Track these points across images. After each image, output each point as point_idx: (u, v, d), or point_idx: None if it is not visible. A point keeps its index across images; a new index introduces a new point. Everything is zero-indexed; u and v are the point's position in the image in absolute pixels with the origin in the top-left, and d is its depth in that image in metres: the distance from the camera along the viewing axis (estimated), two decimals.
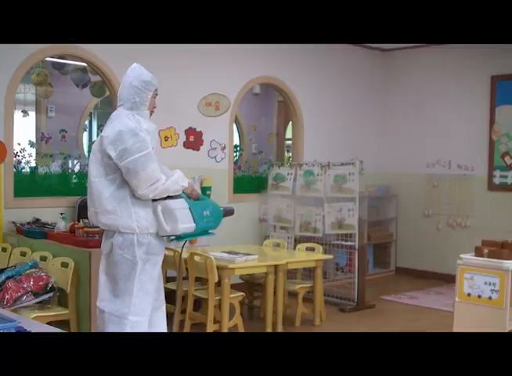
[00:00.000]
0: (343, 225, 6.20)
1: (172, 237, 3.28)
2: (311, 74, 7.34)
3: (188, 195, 3.32)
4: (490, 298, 4.06)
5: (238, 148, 7.77)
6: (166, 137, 6.18)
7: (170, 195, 3.23)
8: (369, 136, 8.13)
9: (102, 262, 3.35)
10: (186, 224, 3.20)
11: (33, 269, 4.18)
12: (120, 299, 3.24)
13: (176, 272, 4.96)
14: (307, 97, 7.38)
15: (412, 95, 7.94)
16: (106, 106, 7.28)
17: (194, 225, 3.22)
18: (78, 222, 4.87)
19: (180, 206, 3.21)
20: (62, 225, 4.93)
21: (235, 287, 5.11)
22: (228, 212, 3.50)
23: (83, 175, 5.81)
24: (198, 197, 3.39)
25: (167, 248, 4.61)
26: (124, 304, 3.22)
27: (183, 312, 4.93)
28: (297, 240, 6.51)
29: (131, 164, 3.12)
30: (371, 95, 8.13)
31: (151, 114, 3.37)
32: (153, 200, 3.22)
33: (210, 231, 3.38)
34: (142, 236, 3.21)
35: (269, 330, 4.96)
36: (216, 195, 6.35)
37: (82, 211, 5.21)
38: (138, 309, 3.23)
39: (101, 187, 3.21)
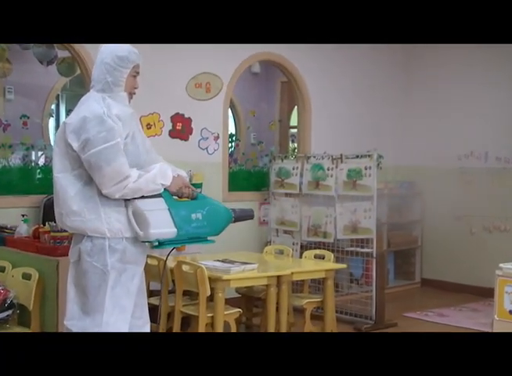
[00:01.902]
0: (358, 229, 6.19)
1: (155, 243, 3.26)
2: (321, 51, 7.31)
3: (175, 194, 3.29)
4: None
5: (234, 138, 7.75)
6: (148, 125, 6.17)
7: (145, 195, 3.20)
8: (388, 124, 8.12)
9: (71, 272, 3.34)
10: (162, 229, 3.16)
11: None
12: (91, 317, 3.21)
13: (161, 285, 4.94)
14: (316, 78, 7.37)
15: (440, 75, 7.92)
16: (77, 86, 7.28)
17: (175, 230, 3.17)
18: (43, 225, 4.86)
19: (154, 207, 3.17)
20: (24, 230, 4.92)
21: (230, 302, 5.10)
22: (244, 216, 3.45)
23: (49, 170, 5.79)
24: (192, 195, 3.33)
25: (150, 256, 4.62)
26: (95, 323, 3.20)
27: (168, 331, 4.92)
28: (304, 247, 6.50)
29: (93, 158, 3.10)
30: (392, 76, 8.12)
31: (131, 97, 3.34)
32: (126, 200, 3.20)
33: (208, 238, 3.34)
34: (114, 241, 3.19)
35: None
36: (208, 194, 6.26)
37: (48, 212, 5.19)
38: (111, 328, 3.21)
39: (65, 184, 3.19)
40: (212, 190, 6.46)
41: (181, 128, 6.42)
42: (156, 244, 3.24)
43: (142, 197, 3.19)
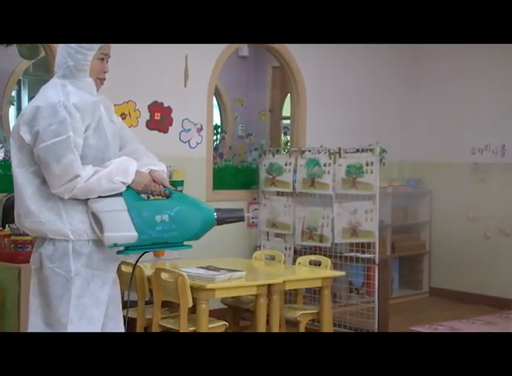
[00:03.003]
0: (358, 232, 6.21)
1: (121, 249, 3.24)
2: None
3: (143, 192, 3.25)
4: None
5: (219, 129, 7.77)
6: (123, 115, 6.17)
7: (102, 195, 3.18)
8: (393, 114, 8.16)
9: (33, 281, 3.33)
10: (120, 232, 3.13)
11: None
12: (54, 330, 3.22)
13: (137, 295, 4.95)
14: (311, 62, 7.38)
15: (452, 63, 7.94)
16: (41, 71, 7.24)
17: (135, 234, 3.15)
18: (3, 228, 4.83)
19: (111, 208, 3.14)
20: None
21: (215, 313, 5.11)
22: (230, 217, 3.32)
23: (9, 166, 5.73)
24: (165, 194, 3.31)
25: (125, 263, 4.62)
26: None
27: None
28: (298, 252, 6.51)
29: (42, 153, 3.10)
30: (397, 62, 8.15)
31: (100, 83, 3.34)
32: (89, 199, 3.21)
33: (185, 243, 3.28)
34: (79, 243, 3.18)
35: None
36: (190, 192, 6.24)
37: (8, 213, 5.15)
38: None
39: (22, 181, 3.19)
40: (194, 189, 6.46)
41: (159, 118, 6.42)
42: (122, 248, 3.23)
43: (100, 196, 3.18)
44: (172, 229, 3.19)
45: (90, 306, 3.23)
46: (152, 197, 3.29)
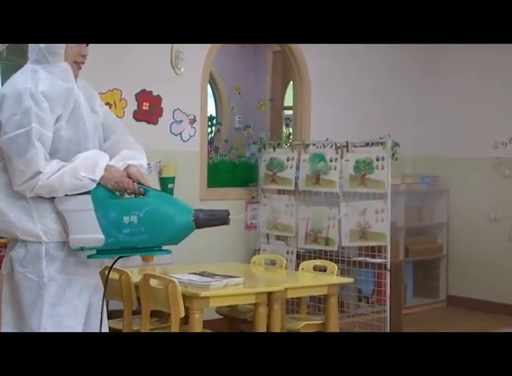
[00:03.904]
0: (368, 235, 6.23)
1: (92, 252, 3.23)
2: None
3: (115, 190, 3.20)
4: None
5: (214, 121, 7.78)
6: (107, 105, 6.16)
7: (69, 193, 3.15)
8: (406, 105, 8.17)
9: (5, 288, 3.32)
10: (86, 234, 3.13)
11: None
12: None
13: (123, 304, 4.96)
14: (316, 47, 7.37)
15: (471, 49, 7.93)
16: (15, 56, 7.23)
17: (102, 236, 3.14)
18: None
19: (77, 207, 3.13)
20: None
21: (210, 324, 5.12)
22: (212, 219, 3.20)
23: None
24: (138, 191, 3.26)
25: (109, 268, 4.63)
26: None
27: None
28: (301, 256, 6.53)
29: (4, 146, 3.11)
30: (411, 48, 8.14)
31: (78, 67, 3.33)
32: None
33: (163, 248, 3.22)
34: (53, 246, 3.19)
35: None
36: (182, 190, 6.34)
37: None
38: None
39: None
40: (187, 186, 6.48)
41: (148, 108, 6.42)
42: (94, 252, 3.21)
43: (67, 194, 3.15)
44: (140, 232, 3.12)
45: (66, 316, 3.22)
46: (127, 196, 3.25)
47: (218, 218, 3.20)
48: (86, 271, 3.29)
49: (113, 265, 3.40)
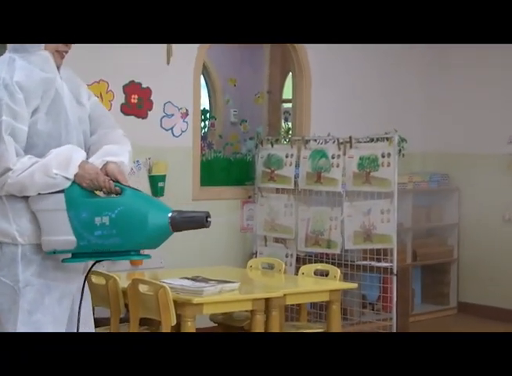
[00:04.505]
0: (373, 237, 6.23)
1: (67, 256, 3.21)
2: None
3: (91, 188, 3.16)
4: None
5: (208, 115, 7.77)
6: None
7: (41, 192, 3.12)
8: (414, 98, 8.17)
9: None
10: (57, 236, 3.11)
11: None
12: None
13: (110, 311, 4.96)
14: None
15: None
16: None
17: (73, 239, 3.11)
18: None
19: (49, 206, 3.11)
20: None
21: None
22: (187, 222, 3.13)
23: None
24: (114, 190, 3.23)
25: (95, 273, 4.61)
26: None
27: None
28: (301, 260, 6.54)
29: None
30: None
31: (61, 56, 3.32)
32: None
33: (143, 252, 3.20)
34: (30, 248, 3.17)
35: None
36: (173, 189, 6.34)
37: None
38: None
39: None
40: (179, 185, 6.48)
41: (137, 101, 6.43)
42: (70, 256, 3.19)
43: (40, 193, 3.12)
44: (112, 234, 3.07)
45: (45, 324, 3.20)
46: (103, 195, 3.20)
47: (195, 221, 3.11)
48: (67, 276, 3.26)
49: (89, 271, 3.34)
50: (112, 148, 3.29)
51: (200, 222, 3.09)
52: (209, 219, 3.08)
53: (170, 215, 3.06)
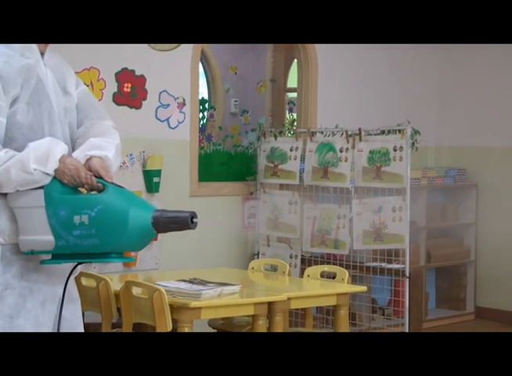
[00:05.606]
0: (384, 236, 6.24)
1: (47, 257, 3.21)
2: None
3: (73, 185, 3.14)
4: None
5: (207, 105, 7.77)
6: None
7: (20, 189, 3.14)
8: (428, 87, 8.17)
9: None
10: (34, 235, 3.10)
11: None
12: None
13: (101, 316, 4.97)
14: None
15: None
16: None
17: (51, 238, 3.09)
18: None
19: (27, 203, 3.10)
20: None
21: None
22: (170, 223, 3.08)
23: None
24: (96, 186, 3.20)
25: (85, 274, 4.62)
26: None
27: None
28: (307, 261, 6.56)
29: None
30: None
31: (45, 45, 3.32)
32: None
33: (127, 254, 3.23)
34: (10, 248, 3.16)
35: None
36: (169, 185, 6.34)
37: None
38: None
39: None
40: (175, 180, 6.48)
41: (130, 90, 6.43)
42: (50, 256, 3.19)
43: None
44: (91, 234, 3.04)
45: (27, 329, 3.20)
46: (85, 192, 3.18)
47: (179, 222, 3.06)
48: (50, 278, 3.26)
49: (71, 273, 3.31)
50: (97, 141, 3.26)
51: (183, 222, 3.04)
52: (194, 220, 3.03)
53: (152, 214, 3.03)
